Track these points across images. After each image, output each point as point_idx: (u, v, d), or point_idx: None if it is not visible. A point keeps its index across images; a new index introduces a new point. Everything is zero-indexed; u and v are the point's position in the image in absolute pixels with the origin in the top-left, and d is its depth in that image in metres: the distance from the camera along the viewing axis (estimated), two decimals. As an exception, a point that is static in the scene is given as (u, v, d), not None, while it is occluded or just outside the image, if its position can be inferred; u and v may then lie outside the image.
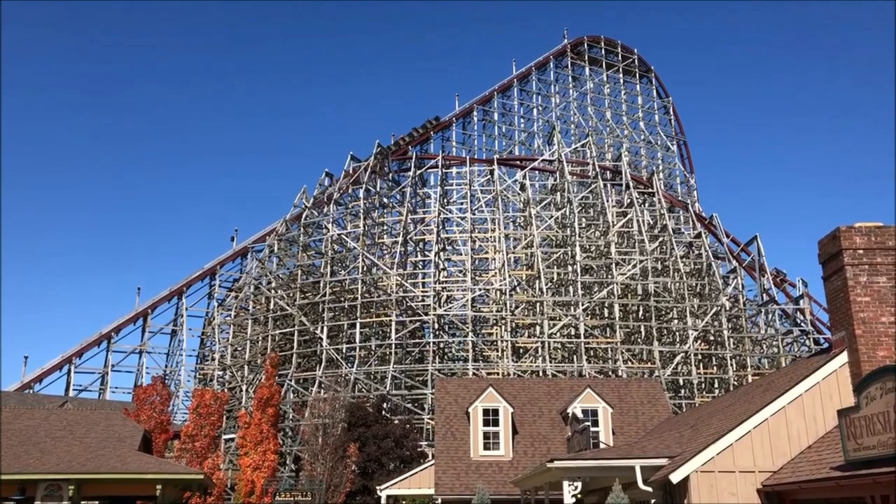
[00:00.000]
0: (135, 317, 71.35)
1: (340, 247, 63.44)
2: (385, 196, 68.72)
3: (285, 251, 66.56)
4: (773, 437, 13.52)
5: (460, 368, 57.82)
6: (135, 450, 25.77)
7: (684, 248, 64.43)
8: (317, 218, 64.90)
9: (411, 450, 39.40)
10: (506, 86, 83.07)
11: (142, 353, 71.27)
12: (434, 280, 62.63)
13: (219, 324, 68.81)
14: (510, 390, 27.45)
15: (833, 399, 13.48)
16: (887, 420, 9.79)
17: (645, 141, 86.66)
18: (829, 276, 14.01)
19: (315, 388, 54.27)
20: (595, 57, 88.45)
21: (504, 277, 59.49)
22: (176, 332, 73.86)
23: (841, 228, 13.67)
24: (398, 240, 62.05)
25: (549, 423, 26.36)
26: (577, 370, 54.26)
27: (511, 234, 65.89)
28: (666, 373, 55.11)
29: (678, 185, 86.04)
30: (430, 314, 58.55)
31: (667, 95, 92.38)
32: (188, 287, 73.58)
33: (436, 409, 27.45)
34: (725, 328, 58.68)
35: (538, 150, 78.15)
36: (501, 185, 67.04)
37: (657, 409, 26.96)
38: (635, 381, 30.19)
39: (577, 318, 56.74)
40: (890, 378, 9.86)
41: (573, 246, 59.65)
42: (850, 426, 10.70)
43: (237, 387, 61.67)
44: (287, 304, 61.39)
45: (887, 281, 13.29)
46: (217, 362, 66.52)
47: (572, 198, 62.32)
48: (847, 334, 13.44)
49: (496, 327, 62.47)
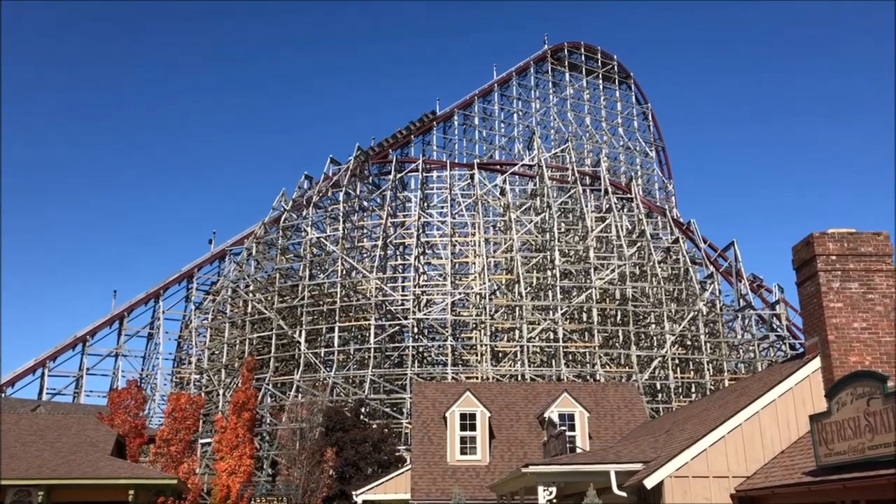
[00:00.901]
0: (111, 319, 70.56)
1: (319, 250, 63.16)
2: (365, 199, 68.51)
3: (263, 254, 66.16)
4: (747, 442, 13.56)
5: (439, 373, 57.74)
6: (107, 455, 25.43)
7: (662, 254, 64.82)
8: (295, 221, 64.58)
9: (389, 454, 39.28)
10: (487, 90, 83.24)
11: (118, 357, 70.51)
12: (414, 284, 62.56)
13: (196, 327, 68.23)
14: (488, 395, 27.42)
15: (806, 404, 13.55)
16: (858, 426, 9.86)
17: (624, 147, 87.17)
18: (803, 281, 14.10)
19: (293, 393, 53.94)
20: (575, 63, 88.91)
21: (484, 281, 59.52)
22: (152, 336, 73.14)
23: (814, 234, 13.77)
24: (378, 243, 61.88)
25: (527, 427, 26.35)
26: (555, 374, 54.38)
27: (491, 238, 65.94)
28: (643, 377, 55.37)
29: (656, 190, 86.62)
30: (410, 318, 58.42)
31: (646, 102, 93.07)
32: (165, 290, 72.88)
33: (413, 413, 27.35)
34: (702, 333, 59.08)
35: (518, 155, 78.35)
36: (482, 190, 67.13)
37: (633, 413, 27.04)
38: (612, 386, 30.27)
39: (556, 323, 56.89)
40: (860, 384, 9.93)
41: (552, 250, 59.81)
42: (822, 431, 10.76)
43: (214, 391, 61.18)
44: (265, 307, 61.01)
45: (859, 287, 13.40)
46: (194, 366, 65.99)
47: (552, 202, 62.52)
48: (820, 340, 13.53)
49: (476, 331, 62.48)
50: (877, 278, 13.45)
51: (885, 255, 13.59)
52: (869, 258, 13.52)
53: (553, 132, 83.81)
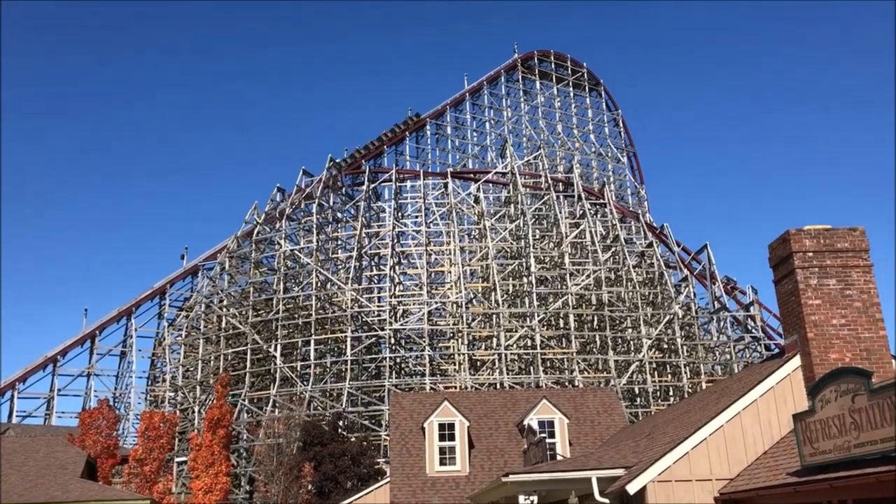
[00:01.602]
0: (82, 339, 69.27)
1: (293, 263, 62.53)
2: (339, 210, 68.03)
3: (237, 268, 65.37)
4: (729, 444, 13.38)
5: (417, 383, 57.28)
6: (77, 477, 24.72)
7: (636, 258, 65.02)
8: (269, 234, 63.91)
9: (368, 467, 38.81)
10: (458, 100, 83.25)
11: (90, 376, 69.24)
12: (390, 294, 62.12)
13: (169, 344, 67.21)
14: (466, 404, 27.08)
15: (787, 404, 13.41)
16: (843, 423, 9.68)
17: (596, 153, 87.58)
18: (780, 279, 13.98)
19: (269, 408, 53.19)
20: (545, 71, 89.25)
21: (460, 290, 59.23)
22: (125, 354, 71.95)
23: (791, 231, 13.65)
24: (353, 254, 61.40)
25: (506, 435, 26.05)
26: (534, 381, 54.16)
27: (466, 246, 65.75)
28: (621, 382, 55.34)
29: (629, 195, 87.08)
30: (387, 329, 57.96)
31: (616, 108, 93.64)
32: (137, 307, 71.72)
33: (390, 425, 26.94)
34: (679, 336, 59.25)
35: (492, 163, 78.32)
36: (456, 198, 66.94)
37: (613, 418, 26.85)
38: (591, 391, 30.09)
39: (533, 330, 56.73)
40: (844, 380, 9.75)
41: (528, 257, 59.74)
42: (806, 431, 10.57)
43: (189, 408, 60.21)
44: (239, 322, 60.24)
45: (837, 283, 13.30)
46: (168, 384, 64.93)
47: (526, 209, 62.49)
48: (799, 338, 13.40)
49: (453, 340, 62.17)
50: (854, 274, 13.35)
51: (861, 251, 13.51)
52: (846, 254, 13.43)
53: (525, 140, 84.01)
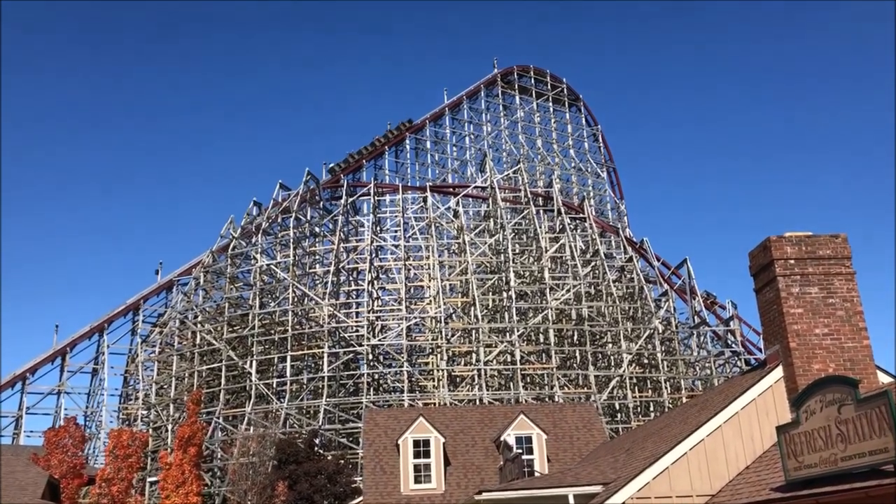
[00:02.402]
0: (52, 356, 67.72)
1: (270, 278, 61.70)
2: (316, 225, 67.30)
3: (212, 283, 64.38)
4: (711, 458, 12.90)
5: (396, 400, 56.50)
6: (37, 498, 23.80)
7: (616, 273, 64.83)
8: (245, 248, 63.04)
9: (345, 486, 38.10)
10: (438, 114, 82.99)
11: (60, 394, 67.66)
12: (368, 310, 61.42)
13: (143, 361, 65.95)
14: (442, 420, 26.43)
15: (770, 416, 12.95)
16: (829, 435, 9.20)
17: (575, 168, 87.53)
18: (761, 287, 13.56)
19: (244, 425, 52.17)
20: (525, 86, 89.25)
21: (439, 305, 58.69)
22: (97, 371, 70.35)
23: (771, 238, 13.26)
24: (330, 269, 60.63)
25: (483, 452, 25.41)
26: (514, 397, 53.54)
27: (446, 261, 65.22)
28: (602, 397, 54.90)
29: (609, 210, 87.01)
30: (365, 345, 57.22)
31: (595, 123, 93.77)
32: (110, 323, 70.22)
33: (364, 442, 26.23)
34: (659, 351, 58.98)
35: (471, 178, 78.00)
36: (435, 213, 66.51)
37: (592, 433, 26.31)
38: (570, 406, 29.56)
39: (513, 345, 56.24)
40: (830, 390, 9.28)
41: (507, 272, 59.33)
42: (790, 443, 10.09)
43: (163, 426, 59.00)
44: (214, 338, 59.24)
45: (819, 291, 12.90)
46: (141, 401, 63.66)
47: (505, 224, 62.16)
48: (781, 348, 12.97)
49: (432, 356, 61.47)
50: (836, 282, 12.97)
51: (843, 258, 13.14)
52: (828, 261, 13.05)
53: (505, 155, 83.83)
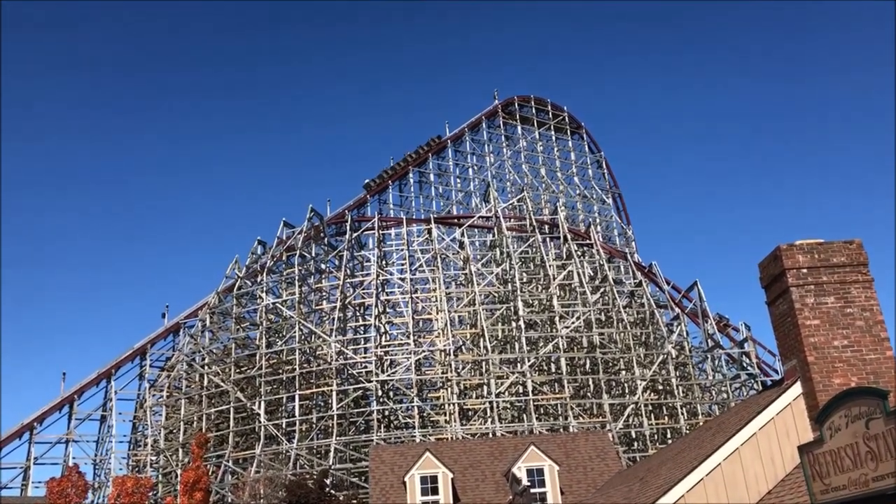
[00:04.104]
0: (60, 404, 66.92)
1: (276, 316, 61.06)
2: (322, 262, 66.73)
3: (219, 325, 63.76)
4: (729, 483, 12.06)
5: (408, 436, 55.36)
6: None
7: (626, 298, 63.90)
8: (250, 288, 62.49)
9: (355, 527, 36.93)
10: (441, 147, 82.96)
11: (68, 443, 66.70)
12: (376, 345, 60.52)
13: (151, 406, 65.10)
14: (450, 454, 25.52)
15: (791, 436, 12.12)
16: (857, 453, 8.39)
17: (580, 195, 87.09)
18: (774, 299, 12.82)
19: (254, 468, 51.14)
20: (526, 116, 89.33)
21: (448, 338, 57.82)
22: (105, 418, 69.43)
23: (782, 247, 12.55)
24: (336, 305, 59.94)
25: (494, 486, 24.47)
26: (527, 429, 52.36)
27: (453, 293, 64.50)
28: (617, 426, 53.68)
29: (616, 236, 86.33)
30: (373, 380, 56.29)
31: (598, 150, 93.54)
32: (117, 369, 69.51)
33: (370, 480, 25.32)
34: (673, 376, 57.82)
35: (476, 209, 77.58)
36: (440, 244, 65.90)
37: (607, 463, 25.33)
38: (583, 436, 28.59)
39: (525, 375, 55.19)
40: (856, 403, 8.47)
41: (515, 301, 58.50)
42: (815, 464, 9.28)
43: (172, 472, 57.99)
44: (222, 379, 58.50)
45: (836, 301, 12.15)
46: (150, 447, 62.70)
47: (511, 252, 61.47)
48: (798, 362, 12.18)
49: (443, 390, 60.41)
50: (854, 290, 12.22)
51: (860, 265, 12.40)
52: (843, 269, 12.32)
53: (509, 184, 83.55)
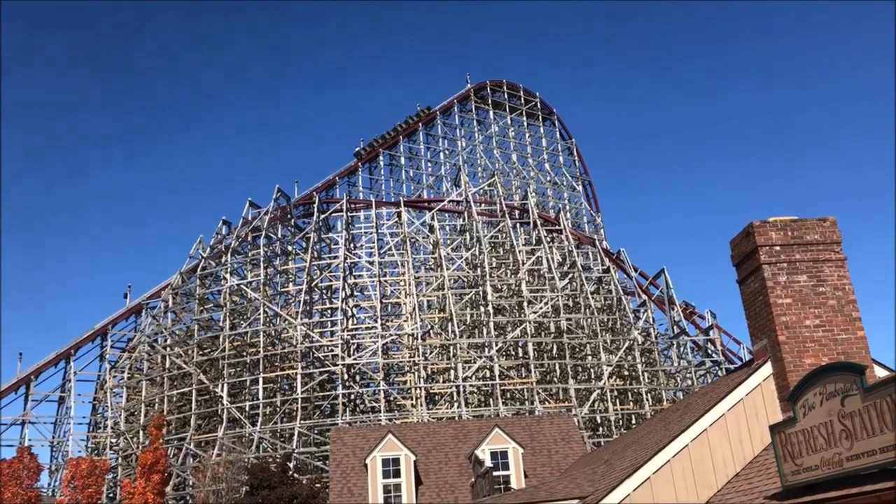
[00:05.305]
0: (16, 384, 65.28)
1: (240, 298, 60.09)
2: (288, 243, 65.76)
3: (182, 306, 62.57)
4: (696, 466, 11.72)
5: (373, 420, 54.89)
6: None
7: (594, 284, 63.92)
8: (214, 269, 61.39)
9: (320, 510, 36.43)
10: (412, 130, 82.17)
11: (24, 424, 65.19)
12: (342, 328, 59.79)
13: (112, 387, 63.87)
14: (413, 436, 25.08)
15: (760, 417, 11.81)
16: (831, 432, 8.02)
17: (551, 182, 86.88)
18: (745, 278, 12.47)
19: (216, 451, 50.32)
20: (498, 101, 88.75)
21: (416, 322, 57.35)
22: (64, 399, 68.00)
23: (754, 223, 12.18)
24: (303, 287, 59.11)
25: (457, 469, 24.08)
26: (493, 413, 52.18)
27: (422, 277, 63.90)
28: (583, 411, 53.75)
29: (585, 223, 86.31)
30: (339, 364, 55.67)
31: (570, 137, 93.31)
32: (77, 349, 67.92)
33: (331, 462, 24.78)
34: (639, 362, 57.98)
35: (447, 193, 77.02)
36: (410, 228, 65.31)
37: (571, 446, 25.08)
38: (547, 419, 28.30)
39: (492, 360, 54.97)
40: (831, 379, 8.10)
41: (484, 286, 58.17)
42: (786, 444, 8.92)
43: (132, 454, 56.90)
44: (184, 361, 57.43)
45: (808, 279, 11.82)
46: (110, 429, 61.52)
47: (481, 237, 61.09)
48: (769, 342, 11.86)
49: (409, 374, 60.04)
50: (826, 269, 11.91)
51: (833, 243, 12.09)
52: (816, 247, 11.99)
53: (480, 169, 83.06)
